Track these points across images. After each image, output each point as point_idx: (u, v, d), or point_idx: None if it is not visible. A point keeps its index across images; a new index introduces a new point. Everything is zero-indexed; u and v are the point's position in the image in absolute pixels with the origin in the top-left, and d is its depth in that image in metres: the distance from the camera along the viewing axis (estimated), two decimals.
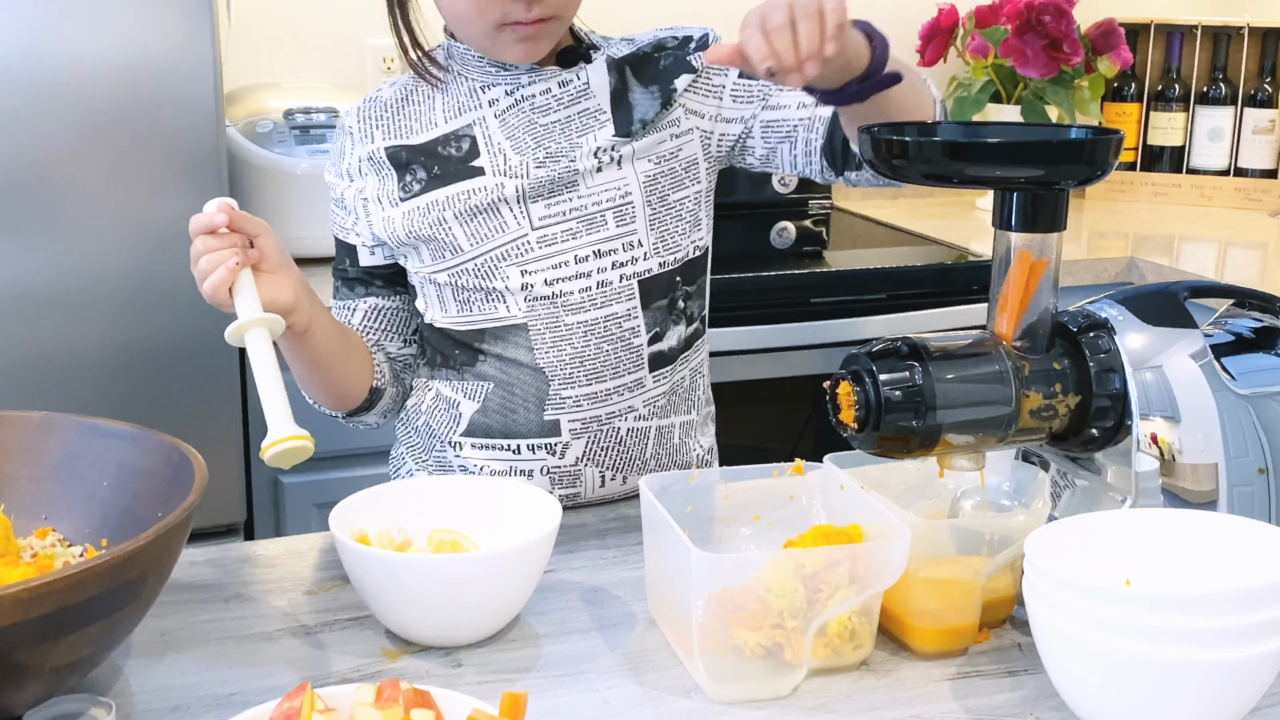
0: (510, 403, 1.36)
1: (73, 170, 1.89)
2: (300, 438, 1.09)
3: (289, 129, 2.24)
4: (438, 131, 1.35)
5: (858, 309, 2.28)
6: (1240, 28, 2.91)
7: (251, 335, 1.15)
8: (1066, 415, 1.09)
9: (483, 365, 1.36)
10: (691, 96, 1.37)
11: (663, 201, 1.35)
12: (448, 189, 1.32)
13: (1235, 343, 1.17)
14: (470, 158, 1.33)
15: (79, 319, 1.93)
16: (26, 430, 1.13)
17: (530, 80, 1.34)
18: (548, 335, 1.33)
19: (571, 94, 1.34)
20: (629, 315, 1.34)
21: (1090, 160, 1.03)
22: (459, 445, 1.38)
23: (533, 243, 1.32)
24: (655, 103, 1.34)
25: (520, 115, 1.33)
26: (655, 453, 1.39)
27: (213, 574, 1.21)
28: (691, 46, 1.38)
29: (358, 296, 1.42)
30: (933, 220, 2.72)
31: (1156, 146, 2.98)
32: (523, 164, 1.32)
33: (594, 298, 1.33)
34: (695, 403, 1.43)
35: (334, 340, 1.33)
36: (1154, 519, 1.03)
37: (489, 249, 1.32)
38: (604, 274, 1.33)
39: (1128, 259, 2.44)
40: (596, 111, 1.34)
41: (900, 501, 1.12)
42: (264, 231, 1.23)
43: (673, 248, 1.36)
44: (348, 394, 1.39)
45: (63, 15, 1.85)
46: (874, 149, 1.06)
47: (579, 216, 1.32)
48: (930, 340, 1.07)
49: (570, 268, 1.32)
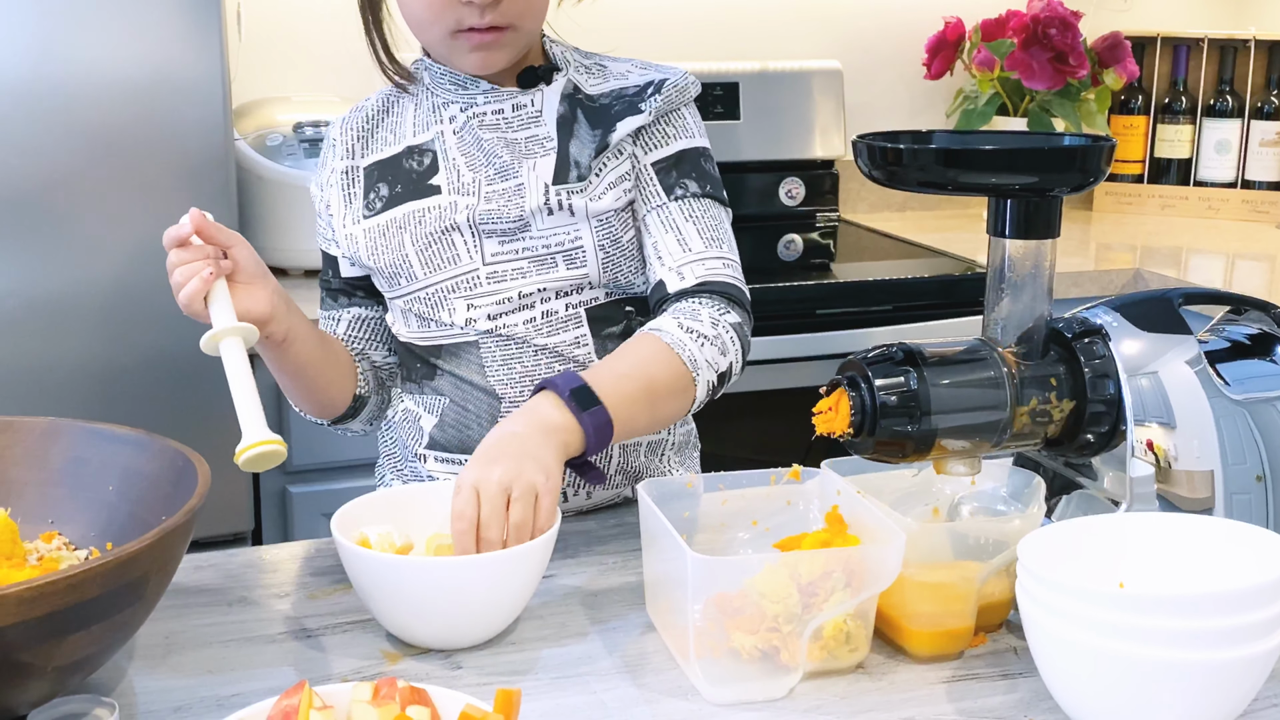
0: (464, 418, 1.36)
1: (85, 182, 1.91)
2: (272, 442, 1.10)
3: (298, 142, 2.26)
4: (404, 144, 1.36)
5: (865, 320, 2.29)
6: (1246, 40, 2.92)
7: (225, 344, 1.16)
8: (1061, 420, 1.10)
9: (439, 381, 1.37)
10: (636, 146, 1.35)
11: (615, 244, 1.34)
12: (405, 207, 1.33)
13: (1231, 349, 1.17)
14: (429, 174, 1.34)
15: (91, 329, 1.95)
16: (33, 435, 1.14)
17: (486, 100, 1.34)
18: (498, 353, 1.34)
19: (522, 119, 1.34)
20: (578, 343, 1.34)
21: (1082, 167, 1.04)
22: (424, 458, 1.40)
23: (482, 278, 1.32)
24: (594, 147, 1.33)
25: (471, 133, 1.34)
26: (620, 467, 1.39)
27: (217, 578, 1.22)
28: (649, 92, 1.36)
29: (341, 307, 1.43)
30: (939, 232, 2.73)
31: (1164, 159, 2.99)
32: (475, 182, 1.32)
33: (540, 328, 1.33)
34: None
35: (315, 349, 1.34)
36: (1147, 523, 1.04)
37: (440, 279, 1.33)
38: (548, 304, 1.33)
39: (1135, 271, 2.45)
40: (544, 139, 1.33)
41: (897, 507, 1.13)
42: (237, 243, 1.23)
43: (625, 286, 1.36)
44: (331, 402, 1.39)
45: (74, 30, 1.87)
46: (869, 157, 1.07)
47: (530, 257, 1.32)
48: (926, 346, 1.08)
49: (514, 302, 1.32)
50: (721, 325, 1.28)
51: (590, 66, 1.39)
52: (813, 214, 2.85)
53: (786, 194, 2.82)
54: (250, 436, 1.10)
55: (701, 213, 1.35)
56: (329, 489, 2.12)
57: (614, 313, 1.36)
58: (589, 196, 1.32)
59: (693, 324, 1.27)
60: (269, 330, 1.24)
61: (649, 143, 1.36)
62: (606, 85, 1.37)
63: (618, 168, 1.34)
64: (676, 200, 1.34)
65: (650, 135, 1.36)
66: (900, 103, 3.00)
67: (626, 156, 1.34)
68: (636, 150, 1.35)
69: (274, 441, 1.10)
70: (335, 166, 1.38)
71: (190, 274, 1.19)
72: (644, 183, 1.35)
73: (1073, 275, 2.40)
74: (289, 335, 1.28)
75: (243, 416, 1.12)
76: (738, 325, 1.30)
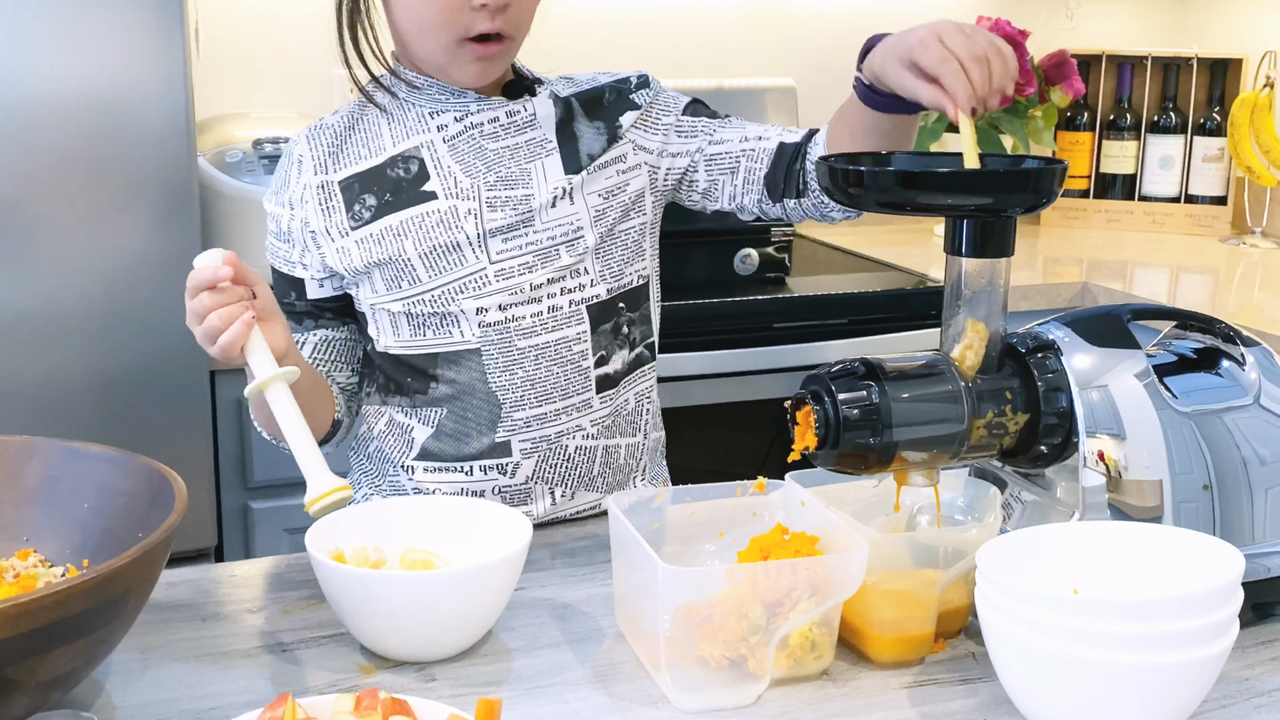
0: (463, 426, 1.39)
1: (48, 199, 1.92)
2: (342, 489, 1.13)
3: (258, 158, 2.26)
4: (385, 155, 1.37)
5: (820, 333, 2.33)
6: (1189, 58, 2.99)
7: (273, 391, 1.17)
8: (1016, 433, 1.13)
9: (435, 390, 1.39)
10: (638, 133, 1.43)
11: (610, 232, 1.40)
12: (401, 214, 1.35)
13: (1178, 363, 1.22)
14: (420, 181, 1.36)
15: (53, 345, 1.95)
16: (8, 454, 1.15)
17: (479, 108, 1.38)
18: (500, 359, 1.37)
19: (519, 123, 1.39)
20: (579, 339, 1.38)
21: (1036, 189, 1.08)
22: (412, 469, 1.42)
23: (490, 276, 1.36)
24: (602, 139, 1.40)
25: (470, 141, 1.37)
26: (602, 470, 1.43)
27: (190, 594, 1.24)
28: (633, 84, 1.45)
29: (306, 330, 1.43)
30: (892, 247, 2.78)
31: (1109, 174, 3.06)
32: (474, 187, 1.35)
33: (545, 322, 1.37)
34: (640, 427, 1.47)
35: (308, 379, 1.35)
36: (1100, 531, 1.08)
37: (446, 281, 1.35)
38: (554, 299, 1.37)
39: (1081, 284, 2.50)
40: (543, 140, 1.39)
41: (859, 517, 1.16)
42: (260, 281, 1.24)
43: (617, 274, 1.41)
44: (314, 430, 1.40)
45: (36, 46, 1.88)
46: (831, 178, 1.11)
47: (534, 250, 1.36)
48: (886, 361, 1.11)
49: (525, 294, 1.36)
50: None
51: (557, 80, 1.45)
52: (767, 229, 2.87)
53: None
54: (318, 486, 1.13)
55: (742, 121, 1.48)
56: (290, 504, 2.12)
57: (610, 311, 1.40)
58: (585, 178, 1.38)
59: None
60: (284, 364, 1.24)
61: (663, 112, 1.45)
62: (584, 88, 1.44)
63: (614, 151, 1.41)
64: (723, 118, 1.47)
65: (656, 111, 1.45)
66: None
67: (627, 142, 1.42)
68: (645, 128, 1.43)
69: (343, 488, 1.13)
70: (308, 182, 1.38)
71: (230, 318, 1.18)
72: (687, 127, 1.45)
73: (1022, 289, 2.45)
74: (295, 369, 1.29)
75: (305, 465, 1.14)
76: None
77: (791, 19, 2.97)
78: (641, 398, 1.46)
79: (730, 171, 1.43)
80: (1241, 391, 1.18)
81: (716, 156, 1.43)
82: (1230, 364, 1.20)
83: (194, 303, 1.20)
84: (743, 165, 1.42)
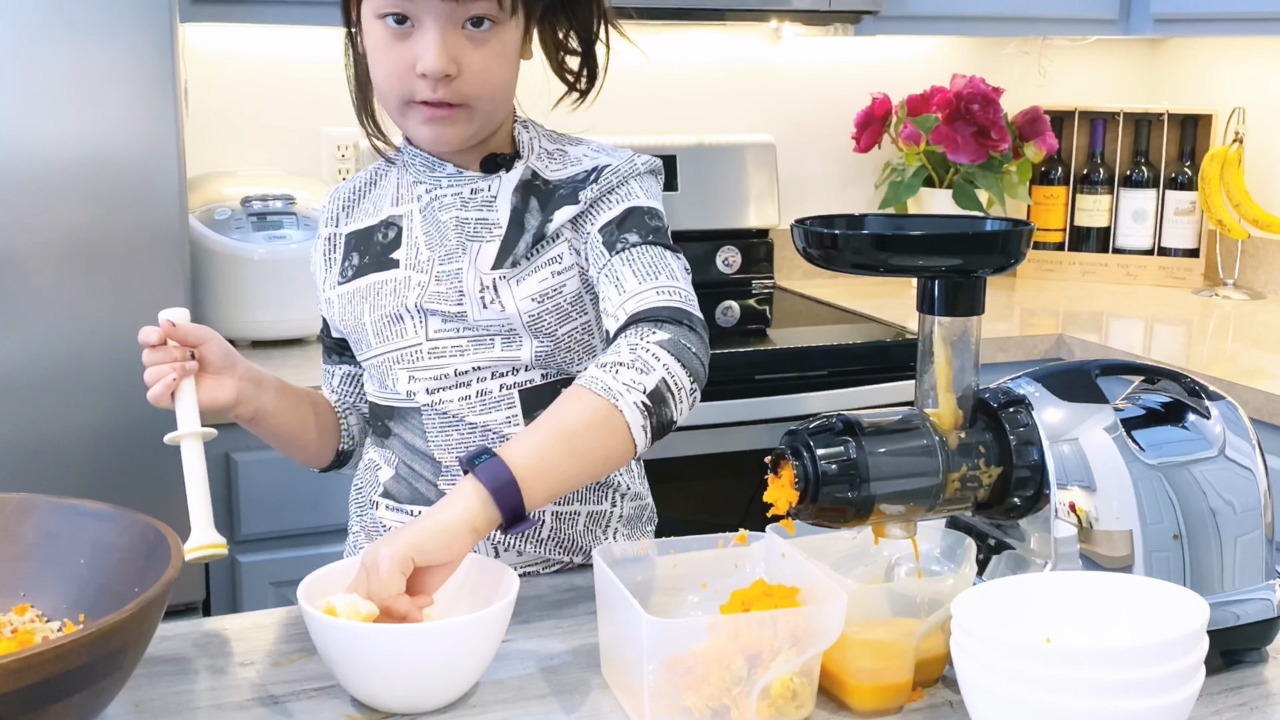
0: (412, 476, 1.43)
1: (41, 257, 1.94)
2: (216, 545, 1.26)
3: (246, 216, 2.30)
4: (380, 217, 1.42)
5: (800, 385, 2.36)
6: (1160, 114, 3.05)
7: (184, 445, 1.29)
8: (990, 485, 1.17)
9: (391, 439, 1.44)
10: (571, 232, 1.36)
11: (550, 336, 1.36)
12: (369, 278, 1.40)
13: (1145, 416, 1.25)
14: (392, 248, 1.40)
15: (46, 401, 1.97)
16: (5, 511, 1.18)
17: (450, 183, 1.38)
18: (438, 422, 1.39)
19: (477, 203, 1.37)
20: (509, 422, 1.37)
21: (1004, 250, 1.12)
22: (377, 505, 1.46)
23: (424, 352, 1.38)
24: (529, 236, 1.35)
25: (431, 214, 1.39)
26: (554, 534, 1.41)
27: (182, 648, 1.26)
28: (589, 179, 1.37)
29: (334, 363, 1.53)
30: (871, 299, 2.82)
31: (1083, 227, 3.11)
32: (430, 260, 1.37)
33: (474, 406, 1.38)
34: (607, 495, 1.44)
35: (288, 418, 1.42)
36: (1072, 581, 1.11)
37: (388, 350, 1.40)
38: (484, 383, 1.38)
39: (1058, 336, 2.54)
40: (493, 224, 1.36)
41: (839, 568, 1.19)
42: (207, 339, 1.32)
43: (562, 367, 1.38)
44: (313, 460, 1.50)
45: (29, 105, 1.91)
46: (806, 240, 1.15)
47: (470, 335, 1.37)
48: (863, 417, 1.15)
49: (451, 379, 1.37)
50: (640, 347, 1.23)
51: (553, 151, 1.40)
52: (749, 281, 2.93)
53: (723, 262, 2.90)
54: (197, 539, 1.25)
55: (640, 256, 1.32)
56: (277, 558, 2.15)
57: (547, 395, 1.35)
58: (516, 279, 1.35)
59: (608, 359, 1.23)
60: (237, 412, 1.35)
61: (593, 218, 1.35)
62: (564, 172, 1.38)
63: (549, 251, 1.35)
64: (618, 254, 1.32)
65: (592, 213, 1.36)
66: (831, 175, 3.10)
67: (563, 241, 1.36)
68: (578, 229, 1.36)
69: (217, 545, 1.26)
70: (322, 233, 1.46)
71: (157, 376, 1.30)
72: (591, 250, 1.35)
73: (999, 340, 2.49)
74: (258, 413, 1.37)
75: (194, 518, 1.26)
76: (666, 340, 1.23)
77: (771, 78, 3.03)
78: None
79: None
80: (1207, 444, 1.21)
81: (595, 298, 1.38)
82: (1196, 417, 1.24)
83: (143, 357, 1.32)
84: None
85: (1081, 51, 3.24)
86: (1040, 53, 3.19)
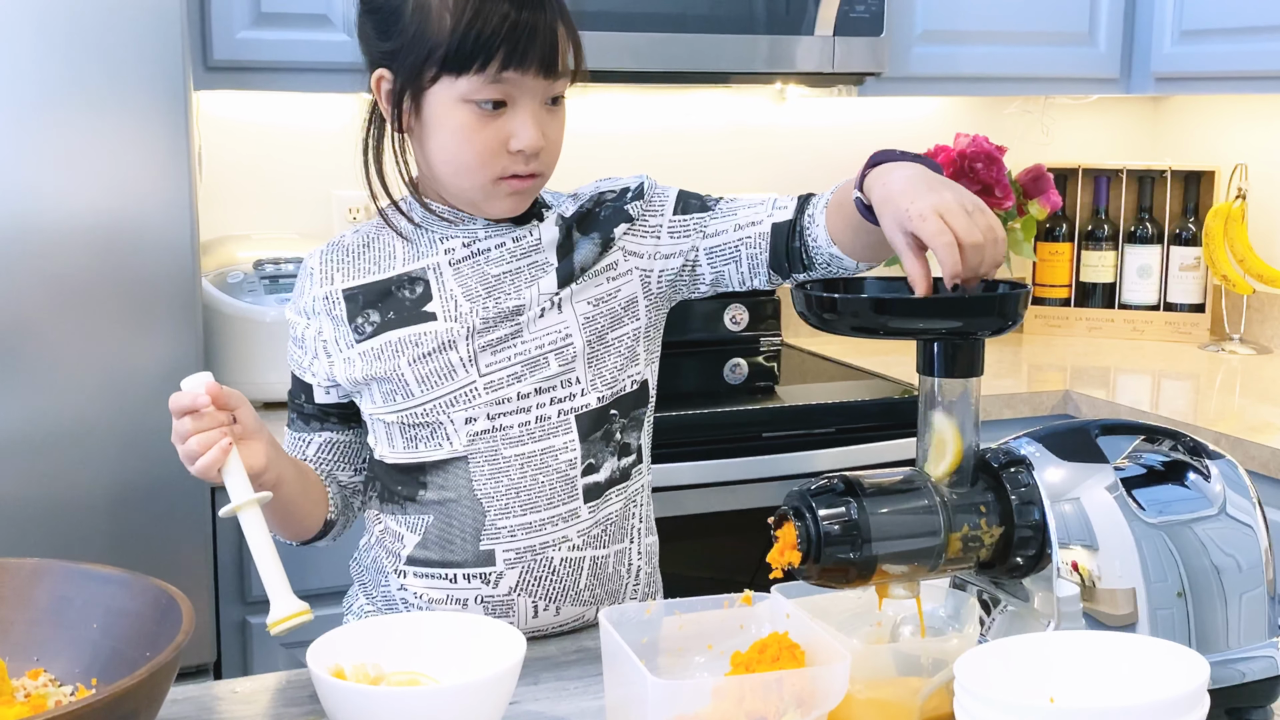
0: (448, 533, 1.43)
1: (55, 320, 1.97)
2: (303, 613, 1.21)
3: (259, 279, 2.33)
4: (394, 272, 1.43)
5: (808, 443, 2.37)
6: (1163, 171, 3.08)
7: (245, 515, 1.24)
8: (992, 545, 1.18)
9: (424, 496, 1.44)
10: (630, 240, 1.46)
11: (600, 340, 1.43)
12: (400, 331, 1.41)
13: (1146, 475, 1.26)
14: (423, 302, 1.42)
15: (60, 463, 1.99)
16: (20, 576, 1.19)
17: (487, 235, 1.43)
18: (486, 467, 1.41)
19: (524, 248, 1.43)
20: (565, 448, 1.42)
21: (1001, 313, 1.14)
22: (403, 574, 1.46)
23: (480, 389, 1.40)
24: (595, 248, 1.44)
25: (475, 267, 1.42)
26: (589, 583, 1.45)
27: (193, 710, 1.27)
28: (629, 196, 1.48)
29: (312, 430, 1.50)
30: (878, 356, 2.83)
31: (1089, 283, 3.13)
32: (473, 310, 1.40)
33: (532, 431, 1.41)
34: (630, 532, 1.49)
35: (295, 485, 1.41)
36: (1074, 640, 1.12)
37: (436, 396, 1.41)
38: (543, 409, 1.41)
39: (1064, 392, 2.55)
40: (544, 264, 1.43)
41: (843, 629, 1.20)
42: (242, 403, 1.31)
43: (609, 382, 1.44)
44: (304, 530, 1.48)
45: (45, 168, 1.94)
46: (805, 304, 1.17)
47: (523, 360, 1.41)
48: (865, 477, 1.16)
49: (512, 404, 1.41)
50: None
51: (564, 199, 1.49)
52: (756, 339, 2.95)
53: (731, 319, 2.92)
54: (280, 610, 1.20)
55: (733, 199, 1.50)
56: None
57: (601, 419, 1.43)
58: (573, 286, 1.42)
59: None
60: (261, 481, 1.31)
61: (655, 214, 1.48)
62: (583, 203, 1.48)
63: (607, 258, 1.45)
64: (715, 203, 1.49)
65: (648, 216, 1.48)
66: None
67: (617, 249, 1.45)
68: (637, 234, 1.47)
69: (303, 612, 1.21)
70: (316, 294, 1.46)
71: (207, 443, 1.25)
72: (675, 230, 1.47)
73: (1005, 397, 2.50)
74: (277, 481, 1.35)
75: (270, 587, 1.21)
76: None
77: (776, 139, 3.06)
78: (630, 502, 1.48)
79: (733, 261, 1.47)
80: (1208, 503, 1.22)
81: (715, 249, 1.47)
82: (1196, 476, 1.25)
83: (178, 424, 1.27)
84: (743, 254, 1.46)
85: (1084, 110, 3.28)
86: (1043, 111, 3.22)
